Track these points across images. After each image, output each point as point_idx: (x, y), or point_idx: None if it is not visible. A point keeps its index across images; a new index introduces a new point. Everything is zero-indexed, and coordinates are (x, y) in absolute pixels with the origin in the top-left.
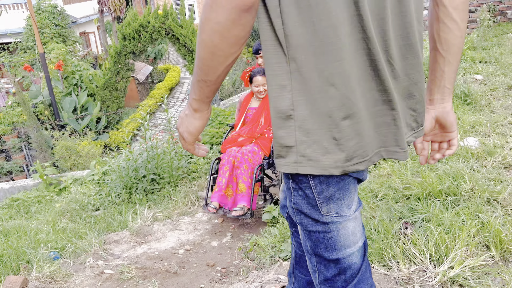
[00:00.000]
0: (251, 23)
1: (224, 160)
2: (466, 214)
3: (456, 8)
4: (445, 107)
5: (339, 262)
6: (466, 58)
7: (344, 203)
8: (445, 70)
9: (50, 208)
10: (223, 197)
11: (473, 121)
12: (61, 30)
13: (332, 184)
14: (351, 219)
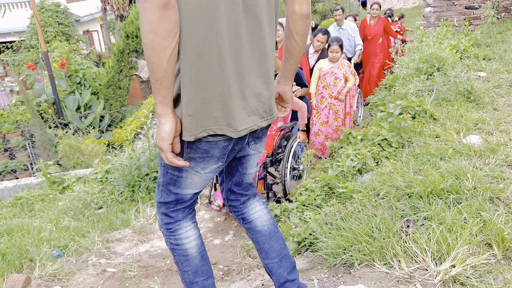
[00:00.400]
0: (174, 17)
1: None
2: (468, 212)
3: (297, 33)
4: (285, 88)
5: (178, 195)
6: (470, 55)
7: (200, 165)
8: (288, 67)
9: (54, 206)
10: None
11: (476, 118)
12: (65, 29)
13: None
14: (199, 175)
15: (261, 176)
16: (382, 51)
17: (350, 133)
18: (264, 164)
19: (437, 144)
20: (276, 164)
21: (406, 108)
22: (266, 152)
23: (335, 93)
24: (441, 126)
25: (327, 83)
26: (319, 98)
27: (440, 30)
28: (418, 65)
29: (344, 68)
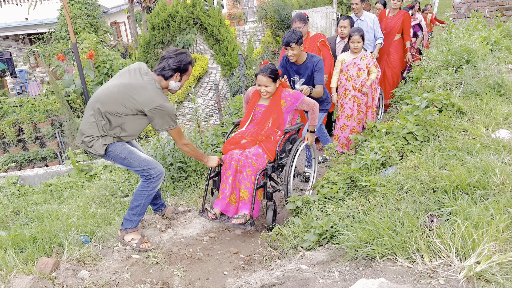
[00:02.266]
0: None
1: (227, 164)
2: (495, 208)
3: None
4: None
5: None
6: (501, 47)
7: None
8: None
9: (81, 193)
10: (228, 205)
11: (506, 112)
12: (93, 21)
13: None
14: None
15: (261, 183)
16: (397, 52)
17: (375, 125)
18: (264, 170)
19: (465, 138)
20: (278, 170)
21: (433, 101)
22: (268, 158)
23: (359, 84)
24: (469, 120)
25: (350, 74)
26: (343, 90)
27: (470, 21)
28: (446, 57)
29: (367, 59)
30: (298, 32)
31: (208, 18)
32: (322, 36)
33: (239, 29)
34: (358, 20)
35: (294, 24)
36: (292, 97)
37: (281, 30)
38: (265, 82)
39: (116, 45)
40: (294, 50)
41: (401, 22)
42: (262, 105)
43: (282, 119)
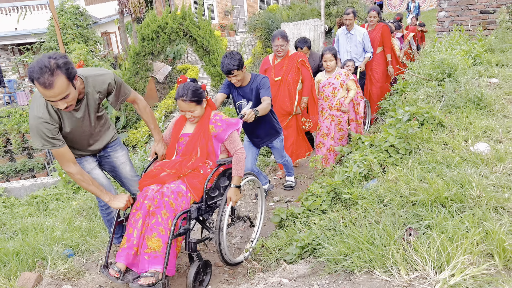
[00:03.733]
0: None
1: (138, 203)
2: (471, 221)
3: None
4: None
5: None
6: (482, 61)
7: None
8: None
9: (68, 205)
10: (135, 257)
11: (485, 126)
12: (83, 31)
13: None
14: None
15: (180, 231)
16: (379, 65)
17: (360, 137)
18: (187, 213)
19: (445, 151)
20: (208, 213)
21: (415, 114)
22: (192, 198)
23: (335, 103)
24: (449, 133)
25: (326, 94)
26: (320, 110)
27: (453, 35)
28: (429, 70)
29: (342, 77)
30: (236, 56)
31: (198, 29)
32: (301, 55)
33: (230, 40)
34: (348, 33)
35: (277, 41)
36: (224, 123)
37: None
38: (187, 107)
39: (106, 55)
40: (238, 76)
41: (380, 35)
42: (186, 134)
43: (212, 147)
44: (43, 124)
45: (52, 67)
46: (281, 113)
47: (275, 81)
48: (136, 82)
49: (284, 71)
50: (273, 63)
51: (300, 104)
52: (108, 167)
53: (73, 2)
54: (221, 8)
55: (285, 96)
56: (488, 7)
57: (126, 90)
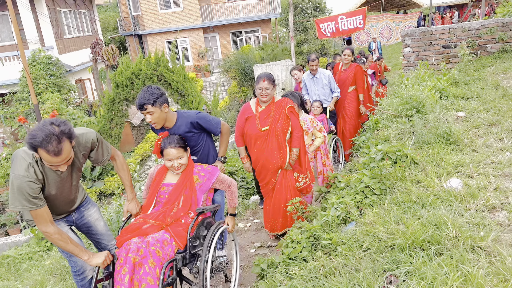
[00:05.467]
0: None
1: (122, 259)
2: (449, 265)
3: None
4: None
5: None
6: (448, 95)
7: None
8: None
9: (40, 265)
10: None
11: (456, 161)
12: (56, 80)
13: None
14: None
15: (168, 280)
16: (352, 102)
17: (336, 176)
18: (173, 262)
19: (419, 189)
20: (192, 262)
21: (387, 153)
22: (177, 246)
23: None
24: (422, 170)
25: None
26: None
27: (418, 71)
28: (398, 107)
29: (307, 123)
30: (155, 90)
31: (172, 74)
32: (289, 101)
33: (206, 80)
34: (313, 77)
35: (262, 83)
36: (207, 173)
37: (245, 81)
38: (177, 154)
39: (81, 103)
40: (154, 114)
41: (353, 75)
42: (169, 184)
43: (195, 198)
44: (28, 183)
45: (59, 134)
46: (268, 169)
47: (262, 132)
48: (111, 128)
49: (272, 120)
50: (257, 110)
51: (291, 157)
52: (84, 228)
53: (45, 52)
54: (195, 50)
55: (274, 149)
56: (449, 42)
57: (108, 146)
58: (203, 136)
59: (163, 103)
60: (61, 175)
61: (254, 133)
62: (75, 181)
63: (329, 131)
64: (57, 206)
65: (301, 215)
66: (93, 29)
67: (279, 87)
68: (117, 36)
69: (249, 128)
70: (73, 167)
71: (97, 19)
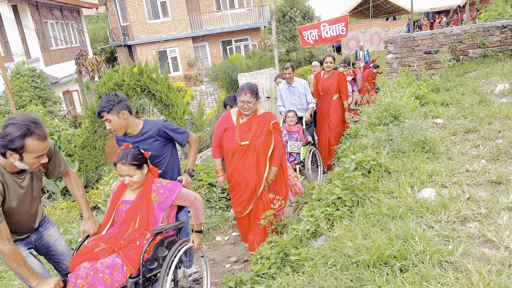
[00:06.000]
0: None
1: (71, 285)
2: (413, 282)
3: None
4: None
5: None
6: (428, 101)
7: None
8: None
9: (10, 285)
10: None
11: (431, 170)
12: (40, 92)
13: None
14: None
15: None
16: (336, 111)
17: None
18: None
19: (390, 201)
20: (148, 286)
21: (361, 162)
22: (129, 271)
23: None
24: (395, 180)
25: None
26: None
27: (399, 77)
28: (378, 114)
29: None
30: (112, 97)
31: (156, 84)
32: (273, 116)
33: (196, 89)
34: (289, 86)
35: (243, 96)
36: (166, 190)
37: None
38: (127, 171)
39: (67, 114)
40: (112, 121)
41: (336, 83)
42: (127, 201)
43: (153, 217)
44: None
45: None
46: (241, 185)
47: (241, 146)
48: (95, 140)
49: (253, 134)
50: (238, 121)
51: (269, 175)
52: (43, 249)
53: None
54: (184, 60)
55: (251, 166)
56: (431, 48)
57: (62, 158)
58: (169, 146)
59: (121, 109)
60: (22, 184)
61: (232, 147)
62: (35, 192)
63: (306, 142)
64: (18, 222)
65: (275, 228)
66: (81, 40)
67: (263, 96)
68: (108, 46)
69: (227, 140)
70: (33, 176)
71: (85, 30)
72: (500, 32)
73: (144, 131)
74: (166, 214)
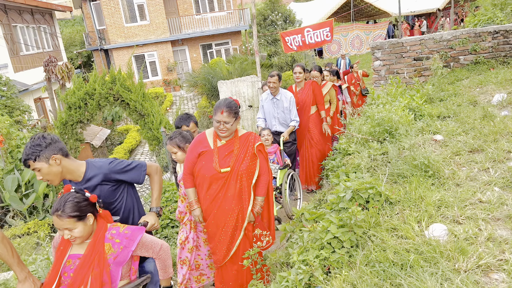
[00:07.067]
0: None
1: None
2: None
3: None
4: None
5: None
6: (423, 113)
7: None
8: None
9: None
10: None
11: (438, 200)
12: (7, 101)
13: None
14: None
15: None
16: (317, 125)
17: (303, 213)
18: None
19: (396, 241)
20: None
21: (358, 191)
22: None
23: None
24: (399, 212)
25: (182, 192)
26: (177, 213)
27: (390, 87)
28: (370, 129)
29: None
30: (39, 141)
31: (130, 93)
32: (257, 137)
33: (176, 95)
34: (274, 99)
35: (220, 115)
36: (124, 238)
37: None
38: (62, 224)
39: (36, 124)
40: (41, 170)
41: (312, 93)
42: (75, 256)
43: (108, 276)
44: None
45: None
46: (223, 223)
47: (220, 174)
48: None
49: (235, 159)
50: (215, 144)
51: (255, 207)
52: None
53: None
54: (163, 64)
55: (233, 197)
56: (421, 54)
57: None
58: (123, 188)
59: (51, 154)
60: None
61: (210, 175)
62: None
63: (284, 165)
64: None
65: (260, 269)
66: (54, 44)
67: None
68: (84, 51)
69: (202, 166)
70: None
71: (59, 34)
72: (492, 38)
73: (89, 176)
74: (126, 269)
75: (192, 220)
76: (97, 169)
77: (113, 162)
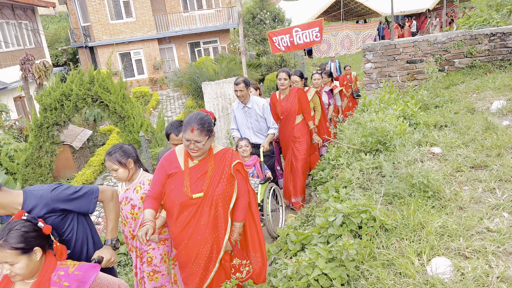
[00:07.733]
0: None
1: None
2: None
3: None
4: None
5: None
6: (418, 122)
7: None
8: None
9: None
10: None
11: (440, 227)
12: None
13: None
14: None
15: None
16: (303, 135)
17: (288, 234)
18: None
19: (394, 280)
20: None
21: (349, 215)
22: None
23: (137, 230)
24: (396, 242)
25: (124, 215)
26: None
27: (382, 92)
28: (361, 139)
29: (144, 188)
30: None
31: (109, 94)
32: (234, 155)
33: (162, 93)
34: (245, 107)
35: (190, 134)
36: (73, 281)
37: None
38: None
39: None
40: None
41: (297, 101)
42: None
43: None
44: None
45: None
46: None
47: (192, 200)
48: (41, 157)
49: (209, 182)
50: (186, 164)
51: (233, 234)
52: None
53: None
54: (150, 62)
55: (207, 225)
56: (414, 56)
57: None
58: (72, 217)
59: None
60: None
61: (180, 201)
62: None
63: (265, 179)
64: None
65: None
66: (36, 41)
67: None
68: (69, 48)
69: (172, 191)
70: None
71: (41, 31)
72: (489, 41)
73: (28, 208)
74: None
75: (137, 247)
76: (38, 199)
77: (57, 189)
